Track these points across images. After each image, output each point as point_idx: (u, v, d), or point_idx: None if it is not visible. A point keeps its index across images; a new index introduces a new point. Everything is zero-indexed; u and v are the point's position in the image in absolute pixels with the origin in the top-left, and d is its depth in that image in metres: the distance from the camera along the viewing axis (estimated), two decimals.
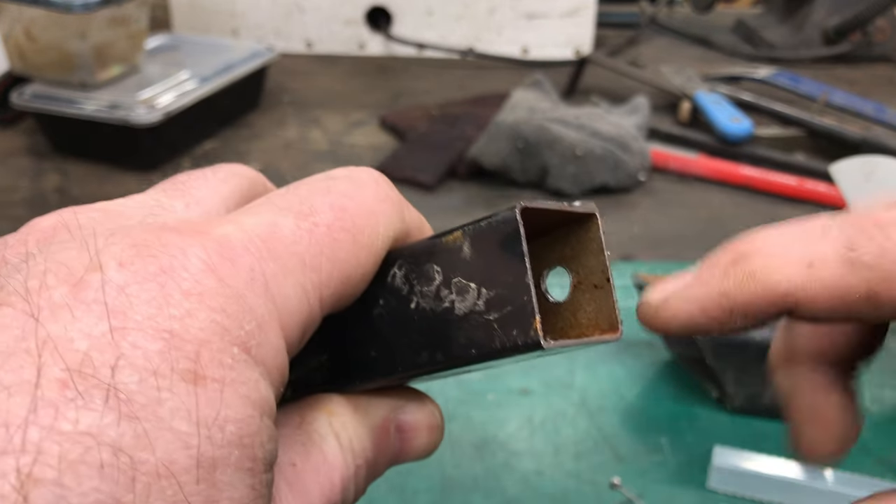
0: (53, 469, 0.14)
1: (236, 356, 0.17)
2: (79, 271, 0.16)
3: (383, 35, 1.14)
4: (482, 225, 0.19)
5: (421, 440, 0.24)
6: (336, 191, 0.21)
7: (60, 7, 0.77)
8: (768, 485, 0.43)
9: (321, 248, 0.20)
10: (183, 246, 0.17)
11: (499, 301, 0.19)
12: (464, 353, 0.20)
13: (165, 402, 0.15)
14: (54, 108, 0.79)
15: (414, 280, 0.21)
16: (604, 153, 0.76)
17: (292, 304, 0.19)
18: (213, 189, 0.23)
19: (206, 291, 0.17)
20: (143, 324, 0.16)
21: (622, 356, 0.54)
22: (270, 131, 0.91)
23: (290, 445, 0.21)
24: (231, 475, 0.16)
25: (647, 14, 1.27)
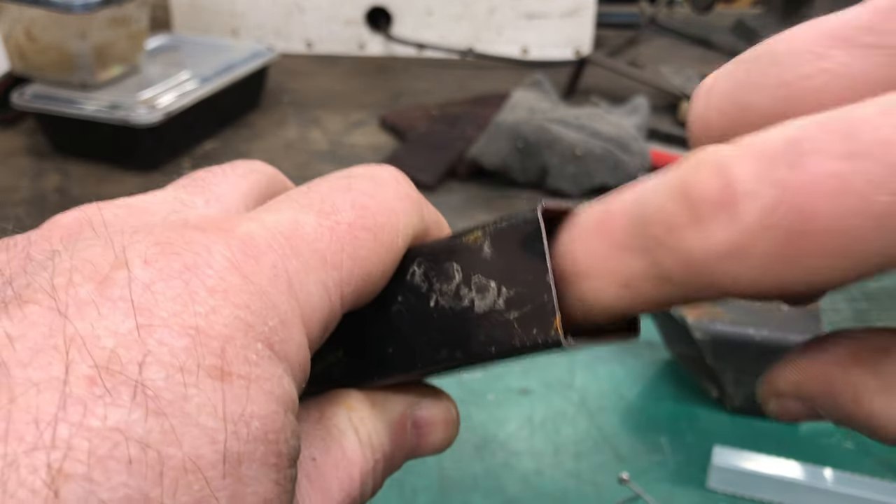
0: (83, 464, 0.14)
1: (260, 352, 0.17)
2: (104, 269, 0.17)
3: (383, 35, 1.14)
4: (503, 225, 0.20)
5: (437, 435, 0.24)
6: (357, 189, 0.21)
7: (61, 7, 0.77)
8: (768, 485, 0.43)
9: (342, 245, 0.20)
10: (207, 243, 0.18)
11: (519, 300, 0.19)
12: (483, 350, 0.20)
13: (192, 399, 0.16)
14: (55, 108, 0.79)
15: (433, 278, 0.21)
16: (604, 153, 0.76)
17: (314, 301, 0.19)
18: (233, 185, 0.23)
19: (231, 288, 0.17)
20: (169, 321, 0.16)
21: (622, 356, 0.54)
22: (271, 131, 0.91)
23: (310, 440, 0.21)
24: (256, 470, 0.16)
25: (647, 14, 1.27)
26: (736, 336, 0.46)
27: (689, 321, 0.47)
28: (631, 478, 0.45)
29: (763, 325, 0.46)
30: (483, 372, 0.52)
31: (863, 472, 0.44)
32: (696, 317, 0.47)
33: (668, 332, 0.52)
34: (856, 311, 0.60)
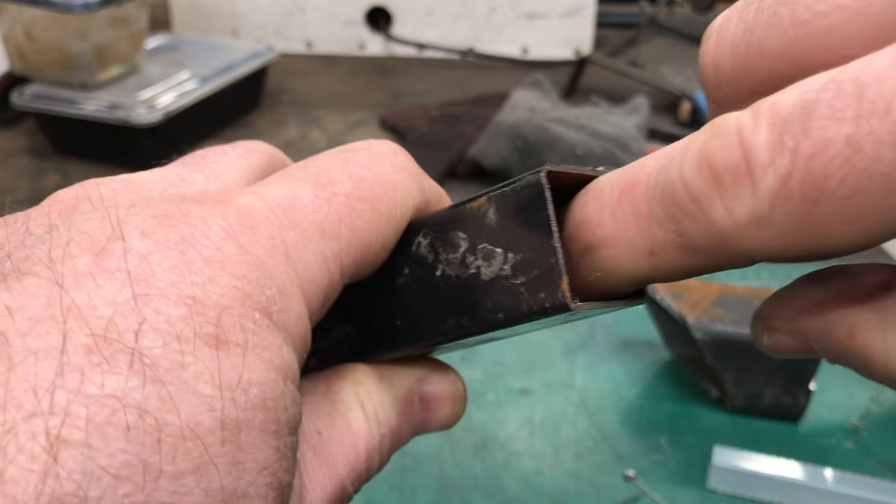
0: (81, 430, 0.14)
1: (258, 321, 0.17)
2: (101, 241, 0.17)
3: (383, 35, 1.14)
4: (507, 190, 0.19)
5: (444, 411, 0.24)
6: (354, 161, 0.21)
7: (60, 7, 0.77)
8: (768, 485, 0.43)
9: (340, 216, 0.20)
10: (204, 215, 0.18)
11: (525, 265, 0.19)
12: (491, 317, 0.20)
13: (189, 366, 0.16)
14: (54, 108, 0.79)
15: (439, 248, 0.21)
16: (604, 153, 0.76)
17: (313, 271, 0.19)
18: (232, 163, 0.23)
19: (228, 258, 0.17)
20: (166, 290, 0.16)
21: (622, 356, 0.54)
22: (270, 131, 0.91)
23: (317, 414, 0.21)
24: (255, 437, 0.16)
25: (647, 14, 1.27)
26: (736, 336, 0.46)
27: (689, 321, 0.47)
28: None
29: None
30: (483, 372, 0.52)
31: (863, 472, 0.43)
32: (696, 317, 0.47)
33: (668, 332, 0.52)
34: None
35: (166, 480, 0.15)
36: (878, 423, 0.49)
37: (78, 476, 0.14)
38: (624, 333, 0.56)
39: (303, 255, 0.19)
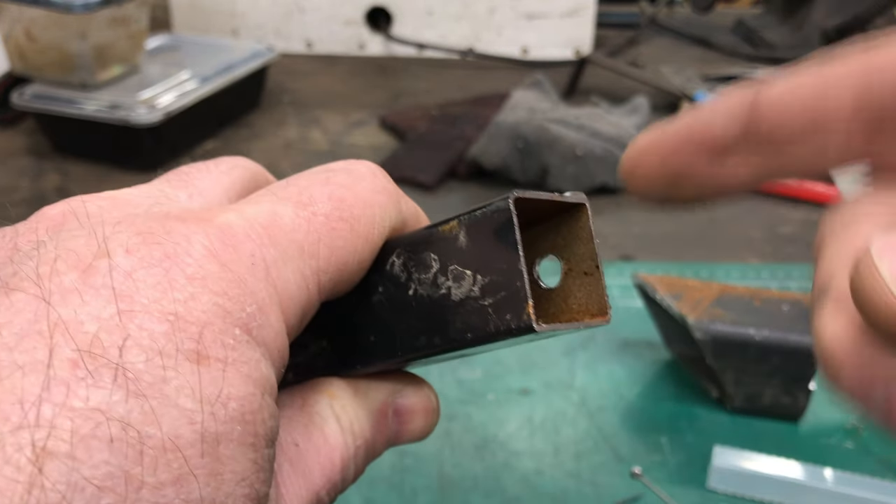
0: (66, 443, 0.15)
1: (238, 337, 0.18)
2: (87, 258, 0.17)
3: (383, 35, 1.14)
4: (477, 214, 0.20)
5: (417, 423, 0.25)
6: (334, 182, 0.22)
7: (61, 7, 0.77)
8: (768, 485, 0.43)
9: (319, 235, 0.20)
10: (187, 233, 0.18)
11: (493, 287, 0.20)
12: (460, 336, 0.21)
13: (171, 381, 0.16)
14: (54, 108, 0.79)
15: (412, 268, 0.22)
16: (604, 153, 0.76)
17: (292, 289, 0.20)
18: (215, 180, 0.24)
19: (209, 276, 0.18)
20: (149, 307, 0.17)
21: (622, 356, 0.54)
22: (271, 131, 0.91)
23: (293, 426, 0.22)
24: (234, 450, 0.17)
25: (647, 14, 1.27)
26: (736, 336, 0.46)
27: (689, 321, 0.47)
28: (632, 477, 0.45)
29: (763, 325, 0.46)
30: (483, 372, 0.52)
31: (863, 472, 0.44)
32: (696, 317, 0.47)
33: (668, 332, 0.52)
34: None
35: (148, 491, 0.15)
36: None
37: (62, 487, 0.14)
38: (624, 333, 0.56)
39: (282, 272, 0.19)
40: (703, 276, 0.63)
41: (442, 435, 0.47)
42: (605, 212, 0.75)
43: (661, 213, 0.75)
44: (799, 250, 0.69)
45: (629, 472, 0.45)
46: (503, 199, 0.20)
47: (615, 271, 0.64)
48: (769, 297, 0.49)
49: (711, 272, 0.64)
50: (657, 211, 0.76)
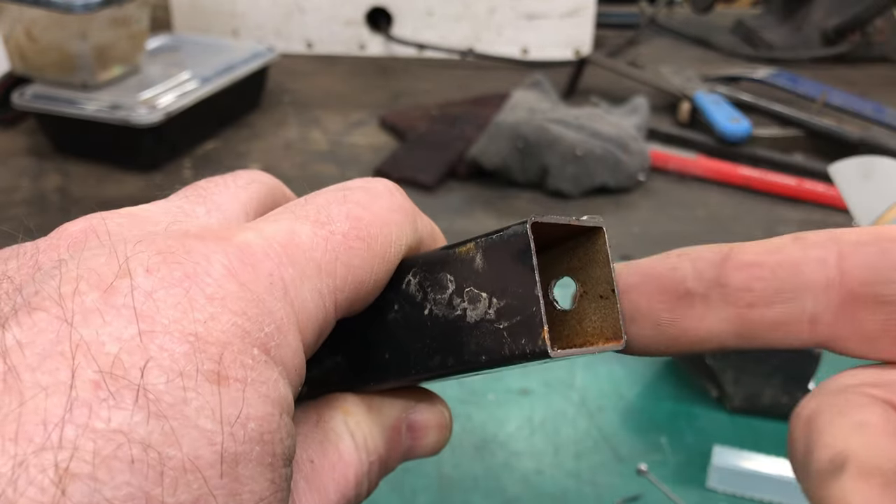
0: (88, 464, 0.15)
1: (257, 357, 0.18)
2: (109, 277, 0.17)
3: (383, 35, 1.14)
4: (494, 238, 0.20)
5: (431, 438, 0.25)
6: (352, 200, 0.22)
7: (61, 7, 0.77)
8: (767, 484, 0.43)
9: (337, 254, 0.21)
10: (206, 252, 0.18)
11: (509, 310, 0.20)
12: (474, 359, 0.21)
13: (191, 402, 0.16)
14: (55, 108, 0.79)
15: (428, 288, 0.22)
16: (604, 153, 0.76)
17: (309, 308, 0.20)
18: (233, 195, 0.24)
19: (229, 296, 0.18)
20: (170, 327, 0.17)
21: (622, 356, 0.54)
22: (271, 131, 0.91)
23: (308, 443, 0.22)
24: (252, 470, 0.17)
25: (647, 14, 1.27)
26: None
27: None
28: (631, 477, 0.45)
29: None
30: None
31: None
32: None
33: None
34: None
35: None
36: None
37: None
38: None
39: (300, 291, 0.19)
40: None
41: None
42: (605, 212, 0.75)
43: (661, 213, 0.75)
44: None
45: (634, 470, 0.45)
46: (521, 223, 0.20)
47: None
48: None
49: None
50: (657, 211, 0.76)
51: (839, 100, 0.92)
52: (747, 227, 0.73)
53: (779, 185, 0.78)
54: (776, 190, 0.78)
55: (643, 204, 0.77)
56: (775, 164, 0.82)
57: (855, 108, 0.90)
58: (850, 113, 0.90)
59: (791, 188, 0.78)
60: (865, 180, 0.58)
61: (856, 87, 1.02)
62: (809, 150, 0.85)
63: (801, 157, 0.83)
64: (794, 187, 0.78)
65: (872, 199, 0.57)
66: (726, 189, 0.80)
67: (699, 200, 0.78)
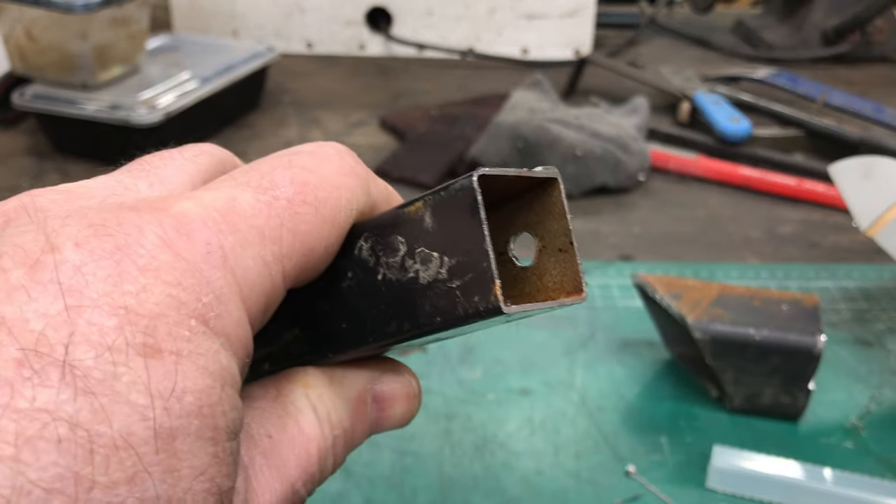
0: (10, 446, 0.14)
1: (194, 328, 0.17)
2: (35, 253, 0.17)
3: (383, 35, 1.14)
4: (442, 195, 0.20)
5: (398, 409, 0.24)
6: (298, 165, 0.21)
7: (61, 7, 0.77)
8: (768, 485, 0.43)
9: (281, 220, 0.20)
10: (139, 223, 0.18)
11: (460, 269, 0.19)
12: (429, 321, 0.20)
13: (122, 377, 0.16)
14: (55, 108, 0.79)
15: (380, 252, 0.21)
16: (604, 153, 0.76)
17: (252, 276, 0.19)
18: (179, 168, 0.23)
19: (162, 266, 0.17)
20: (99, 301, 0.16)
21: (622, 356, 0.54)
22: (271, 131, 0.91)
23: (267, 418, 0.21)
24: (191, 444, 0.16)
25: (647, 15, 1.27)
26: (736, 336, 0.46)
27: (689, 321, 0.47)
28: (631, 477, 0.45)
29: (763, 325, 0.46)
30: (483, 372, 0.52)
31: (862, 472, 0.44)
32: (695, 317, 0.47)
33: (668, 332, 0.52)
34: (855, 311, 0.60)
35: (99, 491, 0.15)
36: (877, 423, 0.49)
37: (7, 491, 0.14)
38: (624, 333, 0.56)
39: (241, 259, 0.19)
40: (703, 276, 0.63)
41: (442, 435, 0.47)
42: (605, 212, 0.75)
43: (661, 213, 0.75)
44: (798, 250, 0.69)
45: (624, 471, 0.45)
46: (467, 176, 0.19)
47: (615, 271, 0.64)
48: (769, 296, 0.49)
49: (711, 272, 0.64)
50: (657, 211, 0.76)
51: (839, 100, 0.92)
52: (747, 227, 0.73)
53: (779, 185, 0.78)
54: (776, 190, 0.78)
55: (643, 204, 0.77)
56: (775, 164, 0.82)
57: (855, 108, 0.90)
58: (850, 113, 0.90)
59: (791, 188, 0.78)
60: (866, 180, 0.58)
61: (856, 87, 1.02)
62: (809, 150, 0.85)
63: (801, 157, 0.83)
64: (794, 187, 0.78)
65: (873, 198, 0.57)
66: (726, 189, 0.80)
67: (699, 200, 0.78)
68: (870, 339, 0.57)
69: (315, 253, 0.21)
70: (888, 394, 0.51)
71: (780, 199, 0.78)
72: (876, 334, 0.57)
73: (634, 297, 0.59)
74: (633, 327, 0.57)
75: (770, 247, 0.69)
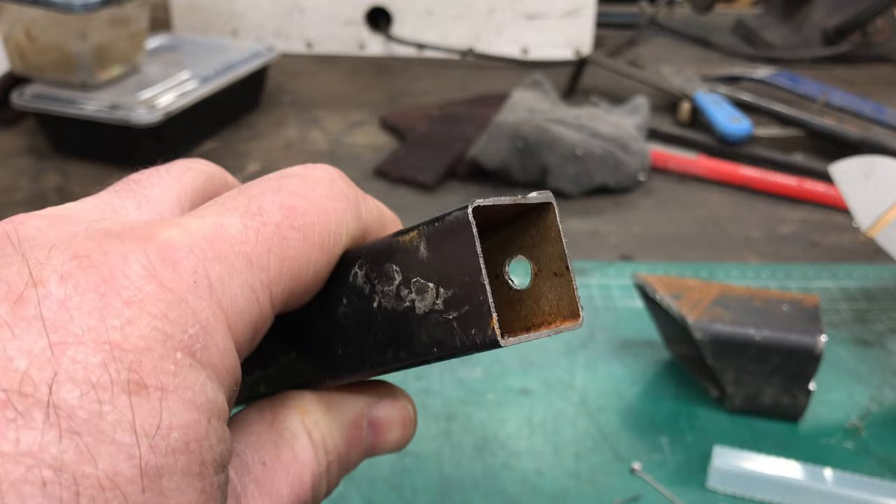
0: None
1: (180, 361, 0.17)
2: (19, 287, 0.16)
3: (383, 35, 1.14)
4: (436, 226, 0.19)
5: (394, 434, 0.24)
6: (287, 189, 0.21)
7: (61, 7, 0.77)
8: (768, 485, 0.43)
9: (269, 246, 0.20)
10: (124, 253, 0.17)
11: (456, 301, 0.19)
12: (426, 351, 0.20)
13: (107, 415, 0.15)
14: (55, 108, 0.79)
15: (375, 279, 0.21)
16: (604, 153, 0.76)
17: (240, 304, 0.19)
18: (167, 187, 0.23)
19: (147, 298, 0.17)
20: (84, 337, 0.16)
21: (622, 356, 0.54)
22: (270, 131, 0.91)
23: (261, 444, 0.21)
24: (178, 481, 0.16)
25: (647, 14, 1.27)
26: (736, 336, 0.46)
27: (689, 321, 0.47)
28: (631, 478, 0.45)
29: (763, 325, 0.46)
30: (483, 372, 0.52)
31: (863, 472, 0.44)
32: (696, 317, 0.47)
33: (668, 332, 0.52)
34: (856, 311, 0.60)
35: None
36: (877, 423, 0.49)
37: None
38: (624, 333, 0.56)
39: (228, 287, 0.19)
40: (703, 276, 0.63)
41: (442, 435, 0.47)
42: (606, 212, 0.75)
43: (662, 213, 0.75)
44: (799, 250, 0.69)
45: (629, 469, 0.45)
46: (462, 208, 0.19)
47: (615, 271, 0.64)
48: (769, 297, 0.49)
49: (711, 272, 0.64)
50: (657, 211, 0.76)
51: (839, 100, 0.92)
52: (747, 227, 0.73)
53: (779, 185, 0.78)
54: (777, 190, 0.78)
55: (643, 204, 0.77)
56: (776, 164, 0.81)
57: (855, 108, 0.90)
58: (850, 113, 0.90)
59: (792, 188, 0.78)
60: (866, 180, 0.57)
61: (856, 87, 1.02)
62: (810, 150, 0.85)
63: (801, 157, 0.83)
64: (794, 187, 0.78)
65: (873, 198, 0.56)
66: (727, 189, 0.80)
67: (700, 200, 0.78)
68: (870, 339, 0.56)
69: (303, 278, 0.21)
70: (889, 394, 0.51)
71: (781, 199, 0.78)
72: (876, 334, 0.57)
73: (634, 297, 0.59)
74: (633, 327, 0.57)
75: (770, 247, 0.69)
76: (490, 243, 0.20)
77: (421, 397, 0.50)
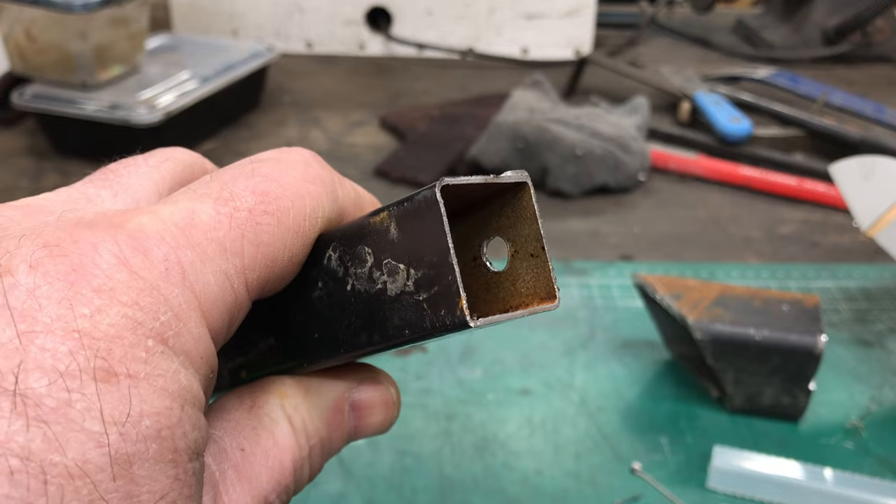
0: None
1: (151, 348, 0.17)
2: None
3: (383, 35, 1.14)
4: (405, 206, 0.19)
5: (376, 417, 0.24)
6: (260, 173, 0.21)
7: (61, 7, 0.77)
8: (768, 485, 0.43)
9: (242, 232, 0.20)
10: (95, 241, 0.17)
11: (426, 281, 0.19)
12: (398, 333, 0.20)
13: (75, 404, 0.15)
14: (55, 108, 0.79)
15: (348, 262, 0.21)
16: (604, 153, 0.76)
17: (213, 291, 0.19)
18: (144, 175, 0.23)
19: (118, 286, 0.17)
20: (52, 325, 0.16)
21: (622, 356, 0.54)
22: (271, 131, 0.91)
23: (240, 430, 0.21)
24: (150, 468, 0.16)
25: (647, 14, 1.27)
26: (736, 336, 0.46)
27: (689, 321, 0.47)
28: (631, 478, 0.45)
29: (763, 325, 0.46)
30: (483, 372, 0.52)
31: (863, 472, 0.44)
32: (696, 317, 0.47)
33: (668, 333, 0.52)
34: (856, 311, 0.60)
35: None
36: (878, 423, 0.49)
37: None
38: (624, 333, 0.56)
39: (201, 274, 0.18)
40: (703, 276, 0.63)
41: (442, 435, 0.47)
42: (606, 212, 0.75)
43: (662, 213, 0.75)
44: (799, 250, 0.69)
45: (629, 469, 0.45)
46: (430, 187, 0.18)
47: (615, 271, 0.64)
48: (769, 297, 0.49)
49: (711, 272, 0.64)
50: (657, 211, 0.76)
51: (839, 100, 0.92)
52: (747, 227, 0.73)
53: (779, 185, 0.78)
54: (777, 190, 0.78)
55: (643, 204, 0.77)
56: (776, 164, 0.81)
57: (855, 108, 0.90)
58: (850, 113, 0.90)
59: (792, 188, 0.78)
60: (866, 180, 0.57)
61: (856, 87, 1.02)
62: (810, 150, 0.85)
63: (801, 157, 0.83)
64: (794, 187, 0.78)
65: (873, 198, 0.57)
66: (727, 189, 0.80)
67: (700, 200, 0.78)
68: (870, 339, 0.56)
69: (279, 263, 0.20)
70: (889, 394, 0.51)
71: (781, 199, 0.78)
72: (876, 334, 0.57)
73: (634, 297, 0.59)
74: (633, 327, 0.57)
75: (770, 247, 0.69)
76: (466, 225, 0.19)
77: (421, 397, 0.50)
